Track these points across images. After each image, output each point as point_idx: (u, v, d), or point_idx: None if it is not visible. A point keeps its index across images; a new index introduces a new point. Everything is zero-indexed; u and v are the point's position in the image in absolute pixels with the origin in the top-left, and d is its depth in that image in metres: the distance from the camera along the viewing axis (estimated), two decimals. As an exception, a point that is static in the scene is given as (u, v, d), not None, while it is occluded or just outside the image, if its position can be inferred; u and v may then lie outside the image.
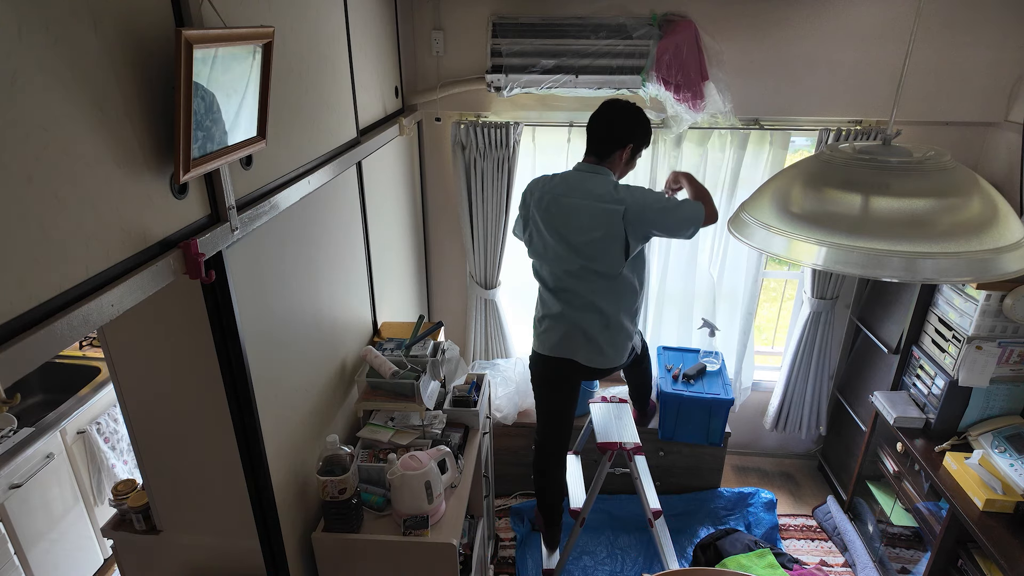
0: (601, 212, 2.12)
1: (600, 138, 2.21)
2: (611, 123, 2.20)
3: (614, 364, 2.37)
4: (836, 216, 1.15)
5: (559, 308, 2.30)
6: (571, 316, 2.28)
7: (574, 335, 2.30)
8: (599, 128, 2.21)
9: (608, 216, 2.11)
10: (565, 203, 2.19)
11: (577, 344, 2.31)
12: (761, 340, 4.48)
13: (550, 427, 2.52)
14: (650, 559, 2.84)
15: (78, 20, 0.92)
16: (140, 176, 1.06)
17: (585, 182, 2.19)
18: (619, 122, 2.20)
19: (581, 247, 2.18)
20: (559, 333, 2.32)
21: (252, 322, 1.46)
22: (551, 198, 2.22)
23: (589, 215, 2.14)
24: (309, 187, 1.68)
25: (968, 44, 2.56)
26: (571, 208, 2.17)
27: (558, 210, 2.20)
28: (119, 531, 1.70)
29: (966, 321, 2.32)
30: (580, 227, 2.16)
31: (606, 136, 2.20)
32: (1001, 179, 2.63)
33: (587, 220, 2.15)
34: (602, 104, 2.22)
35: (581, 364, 2.33)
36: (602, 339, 2.30)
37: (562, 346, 2.33)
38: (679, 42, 2.53)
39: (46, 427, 2.37)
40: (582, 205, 2.15)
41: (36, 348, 0.85)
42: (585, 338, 2.29)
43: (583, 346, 2.31)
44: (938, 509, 2.38)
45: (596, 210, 2.13)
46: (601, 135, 2.21)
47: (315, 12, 1.75)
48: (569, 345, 2.32)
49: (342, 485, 1.72)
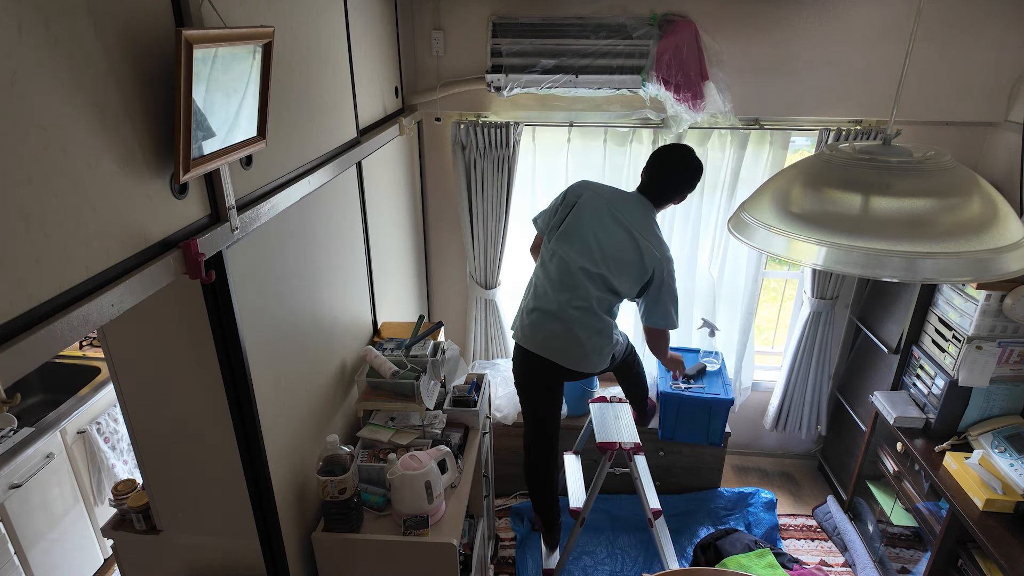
0: (643, 250, 2.24)
1: (663, 187, 2.31)
2: (678, 179, 2.30)
3: (595, 370, 2.42)
4: (836, 216, 1.15)
5: (555, 304, 2.30)
6: (565, 313, 2.29)
7: (561, 335, 2.31)
8: (664, 177, 2.30)
9: (645, 258, 2.25)
10: (617, 216, 2.26)
11: (562, 345, 2.32)
12: (761, 340, 4.48)
13: (532, 427, 2.54)
14: (650, 559, 2.83)
15: (78, 20, 0.92)
16: (140, 176, 1.06)
17: (638, 211, 2.29)
18: (682, 179, 2.30)
19: (610, 258, 2.25)
20: (546, 331, 2.33)
21: (252, 322, 1.46)
22: (605, 204, 2.28)
23: (633, 242, 2.25)
24: (309, 187, 1.68)
25: (968, 44, 2.56)
26: (621, 224, 2.25)
27: (610, 219, 2.25)
28: (119, 531, 1.70)
29: (966, 321, 2.32)
30: (621, 244, 2.25)
31: (670, 189, 2.31)
32: (1001, 179, 2.63)
33: (629, 244, 2.25)
34: (675, 151, 2.30)
35: (554, 363, 2.35)
36: (590, 345, 2.32)
37: (547, 346, 2.34)
38: (679, 42, 2.53)
39: (46, 427, 2.37)
40: (631, 231, 2.25)
41: (36, 348, 0.85)
42: (573, 340, 2.30)
43: (569, 348, 2.32)
44: (938, 509, 2.38)
45: (642, 245, 2.24)
46: (665, 185, 2.30)
47: (315, 12, 1.75)
48: (553, 345, 2.33)
49: (342, 485, 1.72)
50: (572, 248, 2.28)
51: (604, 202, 2.28)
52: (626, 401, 2.82)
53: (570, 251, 2.29)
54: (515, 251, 3.12)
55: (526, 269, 2.50)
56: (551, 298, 2.31)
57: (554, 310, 2.31)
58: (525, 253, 2.69)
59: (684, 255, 3.07)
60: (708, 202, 2.97)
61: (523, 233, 3.04)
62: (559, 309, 2.30)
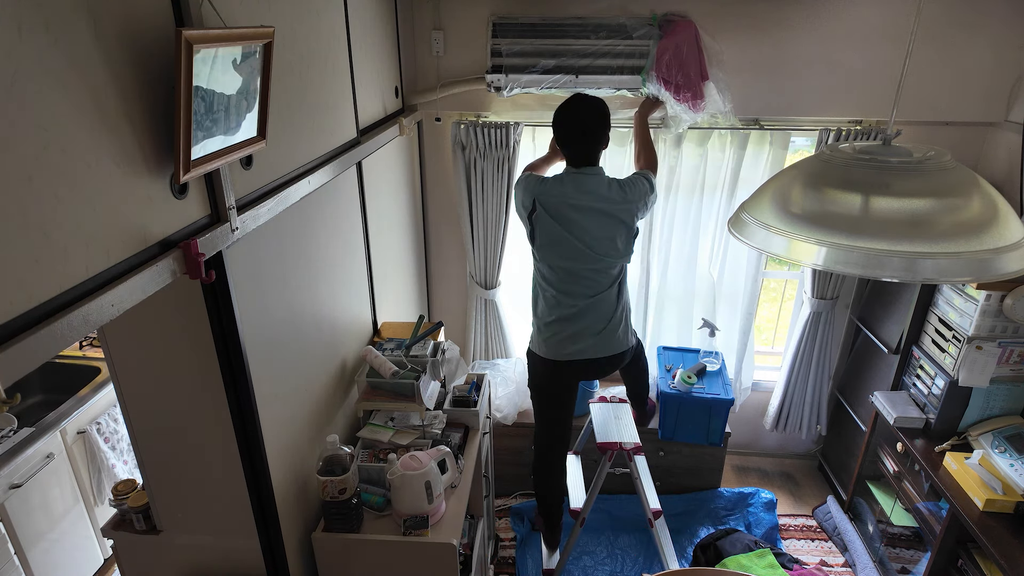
0: (615, 212, 2.22)
1: (588, 149, 2.23)
2: (590, 131, 2.21)
3: (625, 347, 2.41)
4: (836, 216, 1.15)
5: (572, 308, 2.29)
6: (586, 310, 2.29)
7: (588, 331, 2.31)
8: (578, 135, 2.21)
9: (621, 215, 2.23)
10: (578, 205, 2.22)
11: (591, 338, 2.32)
12: (761, 340, 4.48)
13: (552, 432, 2.53)
14: (650, 559, 2.84)
15: (78, 20, 0.92)
16: (140, 176, 1.06)
17: (587, 183, 2.23)
18: (595, 127, 2.20)
19: (596, 244, 2.23)
20: (570, 333, 2.31)
21: (252, 322, 1.46)
22: (558, 202, 2.23)
23: (604, 216, 2.22)
24: (309, 187, 1.68)
25: (968, 44, 2.56)
26: (585, 210, 2.22)
27: (575, 214, 2.22)
28: (119, 531, 1.70)
29: (966, 321, 2.32)
30: (598, 225, 2.23)
31: (593, 144, 2.23)
32: (1001, 179, 2.63)
33: (603, 220, 2.22)
34: (572, 104, 2.20)
35: (592, 360, 2.34)
36: (614, 324, 2.34)
37: (578, 348, 2.32)
38: (679, 42, 2.53)
39: (46, 427, 2.37)
40: (594, 207, 2.22)
41: (36, 348, 0.85)
42: (599, 328, 2.31)
43: (598, 338, 2.32)
44: (938, 509, 2.38)
45: (610, 210, 2.22)
46: (586, 142, 2.22)
47: (315, 12, 1.75)
48: (583, 343, 2.32)
49: (342, 485, 1.72)
50: (562, 256, 2.27)
51: (558, 200, 2.23)
52: (626, 401, 2.82)
53: (563, 260, 2.27)
54: (515, 251, 3.12)
55: (526, 270, 2.49)
56: (566, 304, 2.30)
57: (574, 315, 2.30)
58: (525, 253, 2.68)
59: (684, 255, 3.07)
60: (708, 202, 2.97)
61: (523, 233, 3.03)
62: (578, 311, 2.30)
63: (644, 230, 3.02)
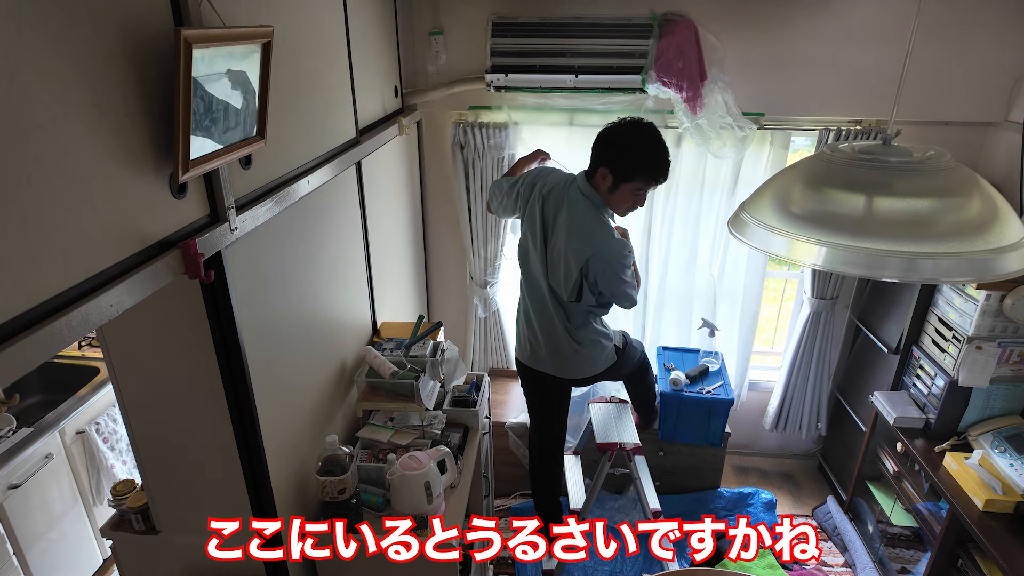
0: (575, 248, 2.03)
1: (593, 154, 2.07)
2: (597, 140, 2.05)
3: (587, 375, 2.32)
4: (836, 216, 1.15)
5: (532, 318, 2.26)
6: (540, 327, 2.25)
7: (542, 347, 2.27)
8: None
9: (576, 256, 2.04)
10: (557, 221, 2.09)
11: (546, 356, 2.28)
12: (761, 340, 4.47)
13: (539, 433, 2.53)
14: (650, 559, 2.83)
15: (78, 20, 0.92)
16: (139, 176, 1.06)
17: (576, 205, 2.06)
18: (598, 140, 2.05)
19: (553, 267, 2.12)
20: (530, 344, 2.30)
21: (251, 322, 1.46)
22: (542, 213, 2.12)
23: (564, 243, 2.05)
24: (308, 187, 1.68)
25: (968, 44, 2.56)
26: (558, 228, 2.08)
27: (552, 227, 2.11)
28: (118, 531, 1.70)
29: (966, 321, 2.32)
30: (556, 251, 2.08)
31: (592, 153, 2.06)
32: (1001, 179, 2.62)
33: (563, 246, 2.06)
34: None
35: (544, 374, 2.31)
36: (577, 359, 2.25)
37: (534, 359, 2.32)
38: (679, 42, 2.53)
39: (45, 427, 2.36)
40: (563, 229, 2.06)
41: (35, 348, 0.85)
42: (554, 351, 2.26)
43: (552, 358, 2.28)
44: (938, 509, 2.38)
45: (572, 243, 2.04)
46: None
47: (315, 12, 1.75)
48: (538, 357, 2.30)
49: (342, 485, 1.71)
50: (528, 263, 2.22)
51: (533, 222, 2.14)
52: (627, 402, 2.82)
53: (528, 267, 2.23)
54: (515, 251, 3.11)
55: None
56: (528, 311, 2.28)
57: (529, 326, 2.28)
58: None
59: (684, 255, 3.07)
60: (708, 202, 2.97)
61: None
62: (533, 325, 2.26)
63: (644, 230, 3.02)
